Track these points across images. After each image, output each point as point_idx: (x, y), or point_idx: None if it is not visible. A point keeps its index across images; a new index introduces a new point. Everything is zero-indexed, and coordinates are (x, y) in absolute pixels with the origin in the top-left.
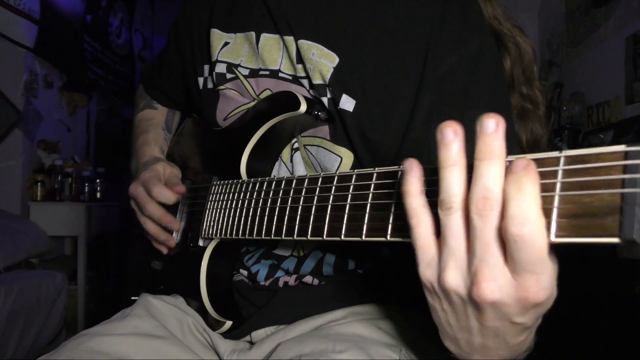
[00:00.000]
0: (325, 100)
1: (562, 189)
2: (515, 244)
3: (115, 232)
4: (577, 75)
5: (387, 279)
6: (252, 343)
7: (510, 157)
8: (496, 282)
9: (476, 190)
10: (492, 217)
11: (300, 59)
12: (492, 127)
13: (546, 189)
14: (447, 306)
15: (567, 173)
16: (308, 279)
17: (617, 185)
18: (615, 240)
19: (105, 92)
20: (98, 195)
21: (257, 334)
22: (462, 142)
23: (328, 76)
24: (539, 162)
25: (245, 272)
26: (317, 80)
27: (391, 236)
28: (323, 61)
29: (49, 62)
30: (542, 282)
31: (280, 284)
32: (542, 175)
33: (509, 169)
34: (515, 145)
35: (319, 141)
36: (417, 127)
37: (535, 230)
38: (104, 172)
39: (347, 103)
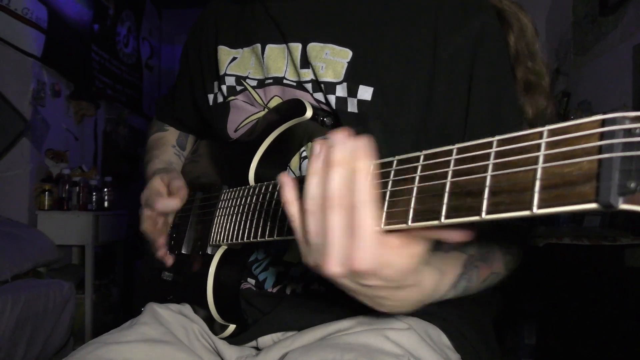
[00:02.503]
0: (332, 98)
1: (545, 161)
2: (350, 208)
3: (123, 241)
4: (585, 84)
5: None
6: (258, 349)
7: (493, 138)
8: (336, 259)
9: (324, 190)
10: (334, 211)
11: (306, 63)
12: (340, 137)
13: (530, 162)
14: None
15: (550, 145)
16: (315, 286)
17: (595, 152)
18: (592, 205)
19: (113, 101)
20: (106, 204)
21: (264, 340)
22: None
23: (343, 72)
24: (524, 137)
25: (252, 281)
26: (328, 78)
27: (385, 225)
28: (337, 59)
29: (56, 71)
30: (361, 248)
31: (288, 291)
32: (527, 148)
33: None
34: (519, 120)
35: None
36: (439, 109)
37: (363, 195)
38: (111, 181)
39: (365, 93)
